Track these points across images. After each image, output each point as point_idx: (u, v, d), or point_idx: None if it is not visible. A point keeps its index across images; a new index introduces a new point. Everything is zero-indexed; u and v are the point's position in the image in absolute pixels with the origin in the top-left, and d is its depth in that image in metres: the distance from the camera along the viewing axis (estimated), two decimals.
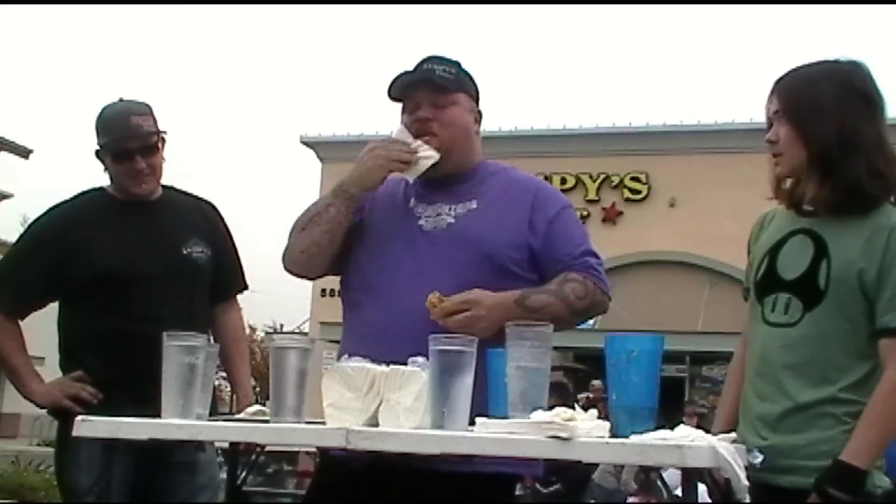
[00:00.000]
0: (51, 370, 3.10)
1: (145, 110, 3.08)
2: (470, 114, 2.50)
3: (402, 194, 2.51)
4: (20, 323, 3.11)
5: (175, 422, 1.95)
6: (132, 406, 2.12)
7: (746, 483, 1.66)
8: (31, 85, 77.82)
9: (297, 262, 2.48)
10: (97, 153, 3.10)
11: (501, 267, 2.34)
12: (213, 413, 2.25)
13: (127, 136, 3.03)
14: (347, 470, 2.25)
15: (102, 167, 3.12)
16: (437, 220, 2.41)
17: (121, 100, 3.13)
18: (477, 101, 2.54)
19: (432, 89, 2.42)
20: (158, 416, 1.98)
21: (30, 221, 3.17)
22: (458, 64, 2.51)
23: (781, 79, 2.25)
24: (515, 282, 2.33)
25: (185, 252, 3.10)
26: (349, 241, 2.46)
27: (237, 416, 2.25)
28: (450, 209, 2.42)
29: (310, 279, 2.61)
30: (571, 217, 2.51)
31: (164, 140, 3.09)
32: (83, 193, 3.19)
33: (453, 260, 2.33)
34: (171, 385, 1.98)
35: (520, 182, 2.50)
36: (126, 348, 2.90)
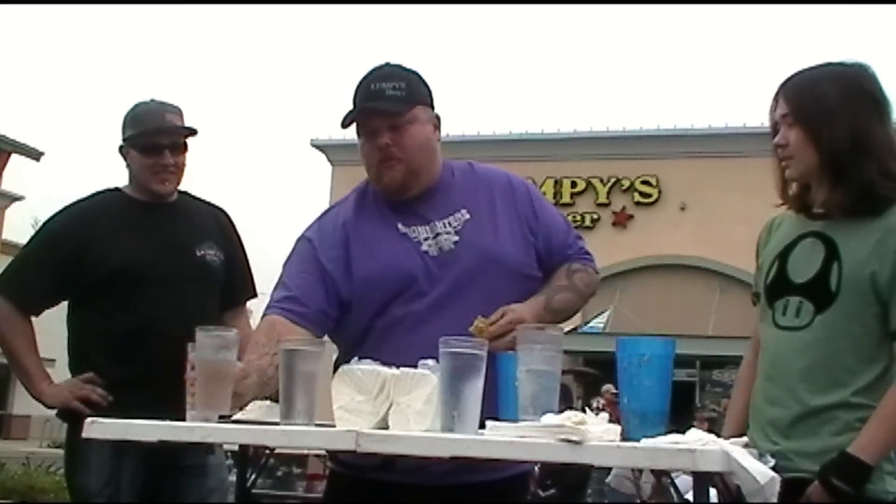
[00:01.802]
0: (62, 372, 3.10)
1: (178, 111, 3.12)
2: (428, 124, 2.40)
3: (383, 221, 2.38)
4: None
5: (185, 424, 1.94)
6: (142, 408, 2.12)
7: (761, 483, 1.64)
8: (42, 88, 78.28)
9: None
10: (120, 148, 3.12)
11: (519, 273, 2.35)
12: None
13: (160, 131, 3.06)
14: (360, 482, 2.26)
15: (124, 162, 3.13)
16: (438, 241, 2.34)
17: (153, 100, 3.15)
18: (432, 105, 2.43)
19: (386, 114, 2.33)
20: (168, 417, 1.97)
21: (43, 221, 3.17)
22: (403, 72, 2.40)
23: (787, 82, 2.24)
24: (532, 284, 2.36)
25: (199, 254, 3.11)
26: (346, 293, 2.32)
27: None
28: (444, 224, 2.36)
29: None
30: (544, 203, 2.53)
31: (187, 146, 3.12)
32: (98, 193, 3.20)
33: (475, 280, 2.30)
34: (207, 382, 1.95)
35: (496, 181, 2.46)
36: (136, 348, 2.92)
